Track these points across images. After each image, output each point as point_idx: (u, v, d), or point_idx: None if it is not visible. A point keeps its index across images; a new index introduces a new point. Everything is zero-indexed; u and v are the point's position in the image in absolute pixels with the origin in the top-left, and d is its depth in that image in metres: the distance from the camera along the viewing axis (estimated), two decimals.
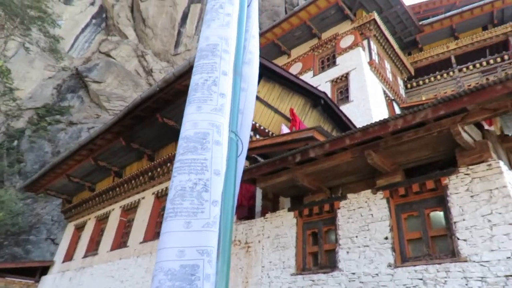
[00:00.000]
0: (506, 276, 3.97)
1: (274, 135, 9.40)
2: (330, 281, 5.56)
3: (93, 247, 12.71)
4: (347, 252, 5.57)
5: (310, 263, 6.21)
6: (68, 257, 13.89)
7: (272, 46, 19.98)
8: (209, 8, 1.80)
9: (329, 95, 15.47)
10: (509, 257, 4.06)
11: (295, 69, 18.91)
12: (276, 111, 9.82)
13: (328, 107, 11.13)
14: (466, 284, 4.22)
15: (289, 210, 6.85)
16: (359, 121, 12.13)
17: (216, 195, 1.34)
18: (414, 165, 5.76)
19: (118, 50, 28.68)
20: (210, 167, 1.38)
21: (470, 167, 4.81)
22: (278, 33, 19.43)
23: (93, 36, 28.90)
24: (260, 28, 28.52)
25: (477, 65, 18.92)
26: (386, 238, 5.23)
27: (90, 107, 25.43)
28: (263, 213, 7.65)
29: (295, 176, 6.33)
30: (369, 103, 14.28)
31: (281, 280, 6.24)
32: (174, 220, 1.28)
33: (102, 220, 13.19)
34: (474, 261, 4.28)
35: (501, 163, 4.61)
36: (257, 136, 9.16)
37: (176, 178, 1.36)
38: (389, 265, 5.00)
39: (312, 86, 10.63)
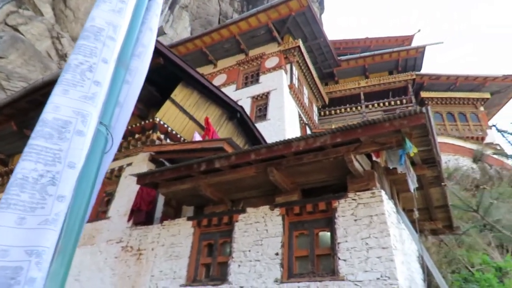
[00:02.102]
0: None
1: (186, 141, 9.21)
2: None
3: None
4: (239, 266, 5.60)
5: (202, 274, 6.10)
6: None
7: (200, 54, 19.85)
8: None
9: (249, 110, 15.81)
10: (379, 278, 4.46)
11: (219, 80, 18.98)
12: (191, 117, 9.66)
13: (243, 122, 11.32)
14: None
15: (188, 219, 6.70)
16: (273, 139, 12.45)
17: (65, 190, 1.20)
18: (311, 186, 6.09)
19: (29, 26, 25.67)
20: (64, 159, 1.23)
21: (358, 193, 5.24)
22: (207, 41, 19.40)
23: (0, 5, 25.55)
24: (190, 34, 28.17)
25: (381, 104, 21.21)
26: (277, 254, 5.39)
27: None
28: (162, 220, 7.35)
29: (198, 185, 6.23)
30: (285, 123, 14.92)
31: None
32: (5, 213, 1.10)
33: None
34: (349, 280, 4.62)
35: (383, 193, 5.11)
36: (168, 140, 8.87)
37: (20, 165, 1.19)
38: (276, 280, 5.15)
39: (230, 99, 10.73)
